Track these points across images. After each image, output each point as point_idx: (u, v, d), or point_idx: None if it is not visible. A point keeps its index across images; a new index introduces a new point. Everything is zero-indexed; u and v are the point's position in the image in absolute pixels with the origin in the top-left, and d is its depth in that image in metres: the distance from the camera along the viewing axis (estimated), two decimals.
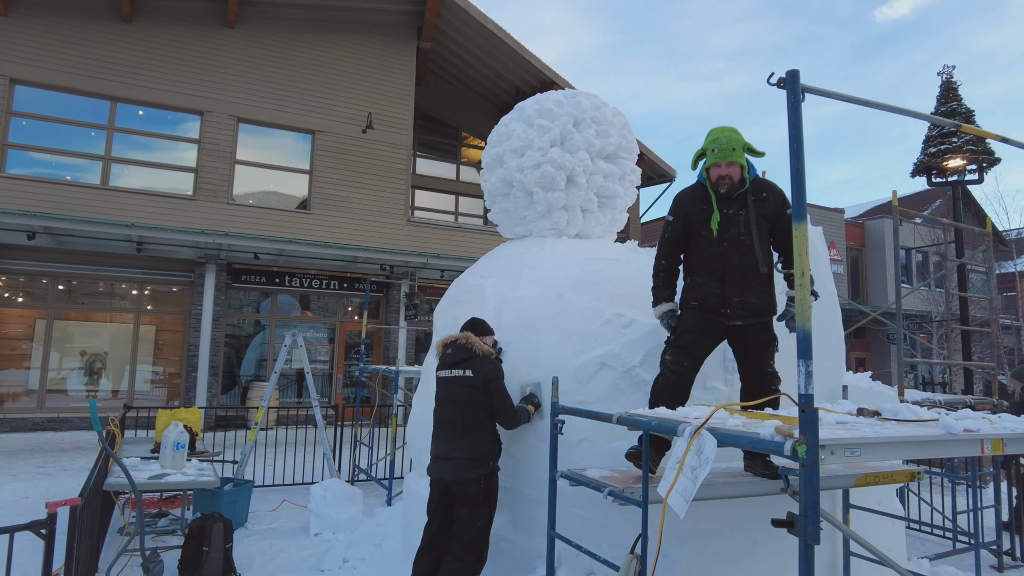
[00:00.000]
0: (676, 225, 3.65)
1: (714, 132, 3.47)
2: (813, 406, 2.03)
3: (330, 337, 14.95)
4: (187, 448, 5.54)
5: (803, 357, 2.09)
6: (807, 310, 2.12)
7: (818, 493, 2.01)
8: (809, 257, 4.68)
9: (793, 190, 2.18)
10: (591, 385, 4.18)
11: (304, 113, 14.39)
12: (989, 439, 2.53)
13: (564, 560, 3.68)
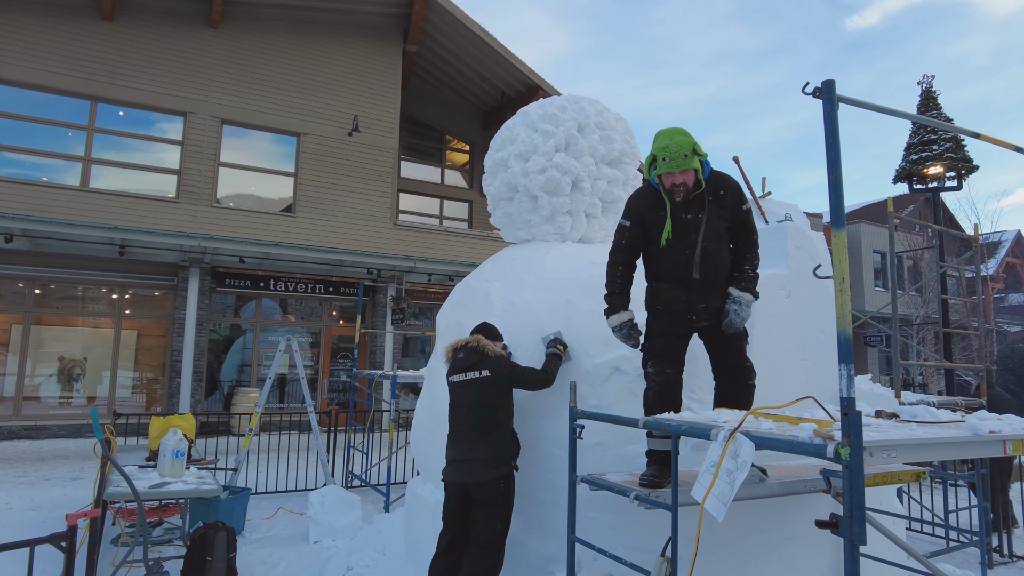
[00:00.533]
0: (633, 230, 3.51)
1: (661, 138, 3.27)
2: (856, 409, 2.07)
3: (315, 342, 14.80)
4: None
5: (844, 361, 2.13)
6: (847, 316, 2.16)
7: (863, 494, 2.05)
8: (812, 263, 4.73)
9: (831, 198, 2.22)
10: (604, 389, 4.20)
11: (289, 115, 14.25)
12: (1011, 440, 2.60)
13: (584, 564, 3.69)
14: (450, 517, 4.10)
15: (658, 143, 3.26)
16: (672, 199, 3.33)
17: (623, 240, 3.55)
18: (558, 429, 4.22)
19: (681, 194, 3.30)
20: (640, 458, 4.02)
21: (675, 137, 3.20)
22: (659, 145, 3.24)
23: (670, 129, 3.29)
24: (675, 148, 3.16)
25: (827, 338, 4.82)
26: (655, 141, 3.29)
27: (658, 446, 3.36)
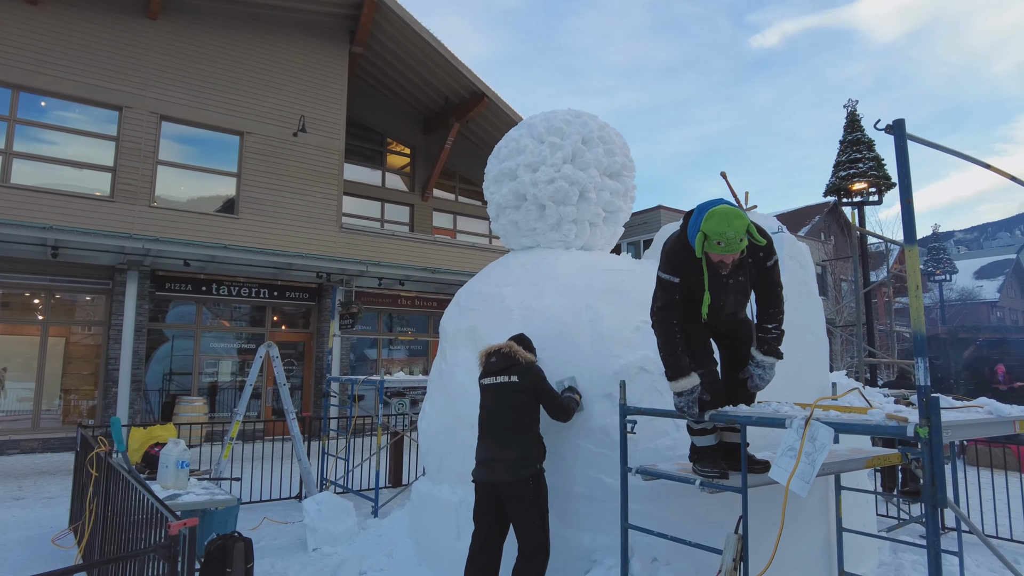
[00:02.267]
0: (681, 286, 3.43)
1: (717, 221, 3.12)
2: (934, 395, 2.45)
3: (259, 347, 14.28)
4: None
5: (919, 355, 2.51)
6: (921, 318, 2.55)
7: (943, 465, 2.44)
8: (802, 270, 5.26)
9: (904, 218, 2.61)
10: (631, 387, 4.47)
11: (232, 113, 13.74)
12: (1019, 420, 3.10)
13: (635, 550, 3.95)
14: (483, 517, 4.21)
15: (714, 226, 3.12)
16: (718, 271, 3.33)
17: (675, 296, 3.45)
18: (589, 425, 4.49)
19: (727, 269, 3.31)
20: (668, 451, 4.37)
21: (733, 223, 3.10)
22: (716, 230, 3.11)
23: (726, 211, 3.16)
24: (732, 235, 3.10)
25: (815, 338, 5.36)
26: (708, 220, 3.15)
27: (703, 443, 3.65)
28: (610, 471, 4.17)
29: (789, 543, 4.51)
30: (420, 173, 19.70)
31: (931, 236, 33.91)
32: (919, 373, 2.50)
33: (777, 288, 3.50)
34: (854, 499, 5.16)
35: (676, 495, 4.00)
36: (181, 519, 2.80)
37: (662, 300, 3.50)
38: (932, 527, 2.50)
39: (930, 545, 2.48)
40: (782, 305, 3.51)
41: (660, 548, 3.93)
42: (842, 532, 4.93)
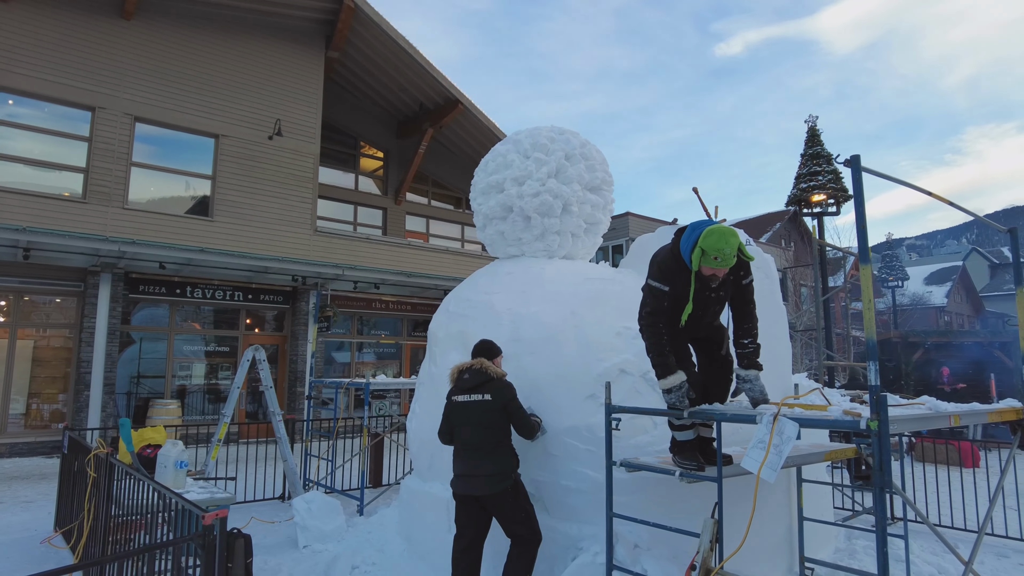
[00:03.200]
0: (670, 294, 3.70)
1: (716, 239, 3.43)
2: (882, 393, 2.86)
3: (232, 350, 14.30)
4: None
5: (871, 359, 2.92)
6: (872, 327, 2.96)
7: (889, 454, 2.84)
8: (768, 280, 5.71)
9: (859, 243, 3.02)
10: (614, 388, 4.82)
11: (207, 116, 13.74)
12: (953, 415, 3.55)
13: (618, 537, 4.30)
14: (466, 523, 4.45)
15: (712, 242, 3.43)
16: (708, 284, 3.63)
17: (663, 303, 3.72)
18: (575, 424, 4.82)
19: (716, 282, 3.62)
20: (648, 446, 4.74)
21: (730, 241, 3.43)
22: (714, 247, 3.42)
23: (723, 230, 3.47)
24: (728, 252, 3.42)
25: (779, 343, 5.80)
26: (708, 237, 3.45)
27: (683, 437, 4.02)
28: (595, 466, 4.50)
29: (756, 532, 4.92)
30: (393, 177, 19.85)
31: (884, 243, 35.46)
32: (870, 375, 2.90)
33: (752, 305, 3.82)
34: (814, 491, 5.62)
35: (656, 486, 4.37)
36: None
37: (651, 306, 3.76)
38: (880, 508, 2.90)
39: (878, 522, 2.88)
40: (756, 320, 3.81)
41: (642, 535, 4.28)
42: (803, 521, 5.38)
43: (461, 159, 20.33)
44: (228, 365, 14.18)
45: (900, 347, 17.56)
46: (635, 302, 5.50)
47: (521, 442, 4.75)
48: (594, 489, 4.55)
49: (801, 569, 5.33)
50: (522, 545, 4.30)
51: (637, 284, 5.82)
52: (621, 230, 21.88)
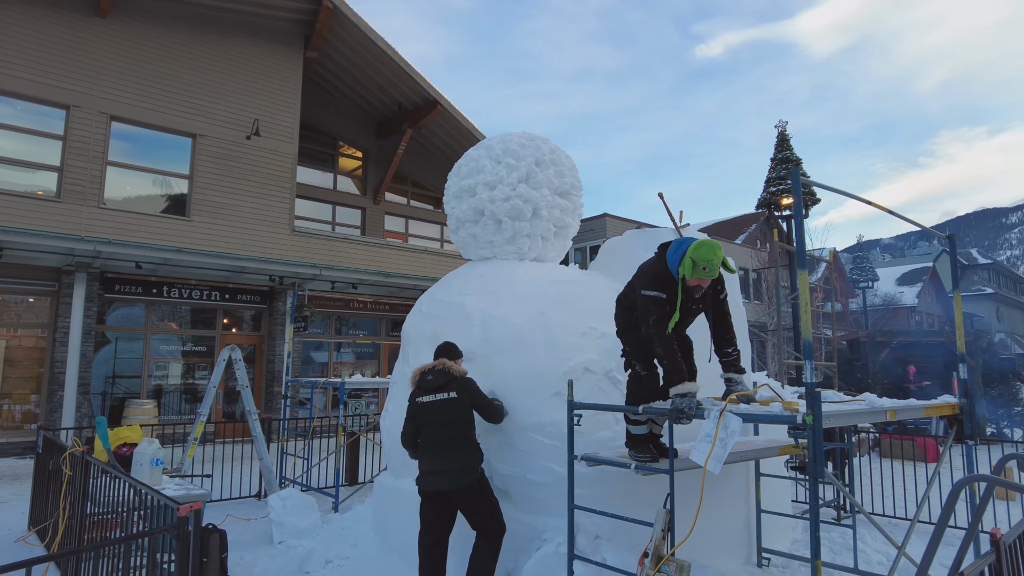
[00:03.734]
0: (668, 303, 3.90)
1: (705, 251, 3.71)
2: (816, 391, 3.09)
3: (209, 350, 14.30)
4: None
5: (807, 358, 3.15)
6: (809, 327, 3.18)
7: (822, 446, 3.06)
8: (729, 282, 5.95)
9: (797, 248, 3.24)
10: (578, 386, 5.03)
11: (185, 115, 13.72)
12: (889, 410, 3.80)
13: (580, 528, 4.50)
14: (433, 521, 4.61)
15: (702, 254, 3.70)
16: (692, 295, 3.90)
17: (665, 308, 3.90)
18: (541, 420, 5.02)
19: (700, 292, 3.91)
20: (609, 441, 4.95)
21: (718, 253, 3.72)
22: (704, 257, 3.69)
23: (711, 244, 3.77)
24: (716, 262, 3.69)
25: (739, 341, 6.05)
26: (698, 248, 3.74)
27: (638, 431, 4.25)
28: (560, 460, 4.70)
29: (715, 523, 5.16)
30: (372, 177, 19.91)
31: (856, 245, 36.16)
32: (805, 373, 3.13)
33: (729, 317, 4.07)
34: (772, 485, 5.87)
35: (615, 479, 4.57)
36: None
37: (656, 314, 3.90)
38: (813, 495, 3.13)
39: (812, 510, 3.11)
40: (734, 330, 4.06)
41: (603, 526, 4.48)
42: (760, 513, 5.63)
43: (440, 159, 20.44)
44: (205, 365, 14.18)
45: (868, 347, 18.05)
46: (601, 303, 5.72)
47: (487, 438, 4.94)
48: (558, 483, 4.74)
49: (758, 559, 5.58)
50: (488, 536, 4.49)
51: (604, 286, 6.05)
52: (599, 231, 22.16)
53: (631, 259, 6.34)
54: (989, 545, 2.73)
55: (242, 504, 7.84)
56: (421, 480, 4.63)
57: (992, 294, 59.75)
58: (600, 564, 4.18)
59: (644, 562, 3.66)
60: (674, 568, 3.54)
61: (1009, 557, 2.80)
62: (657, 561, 3.56)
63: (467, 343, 5.36)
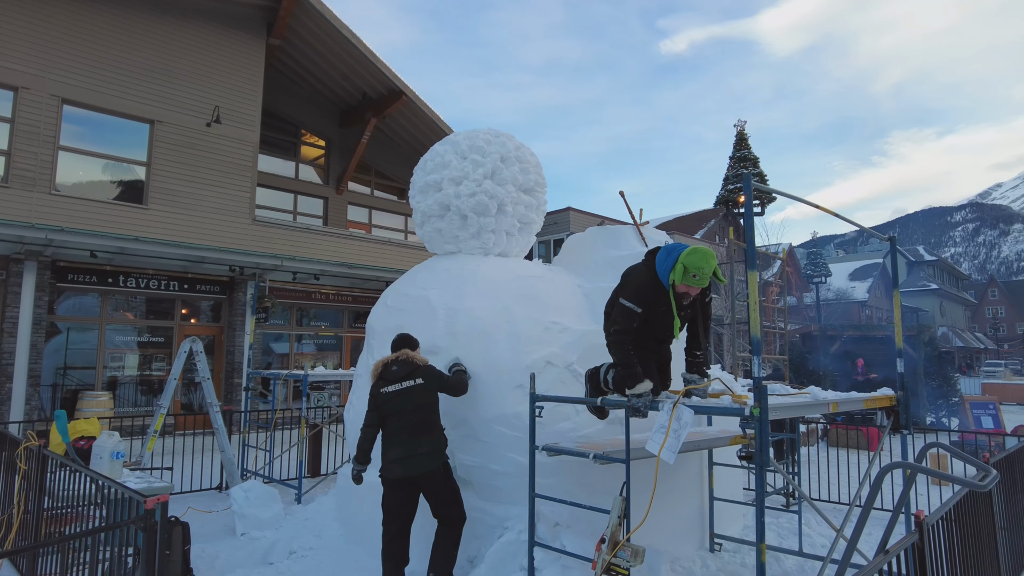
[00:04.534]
0: (641, 316, 3.99)
1: (697, 258, 3.72)
2: (763, 385, 3.29)
3: (167, 341, 14.02)
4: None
5: (755, 354, 3.34)
6: (758, 324, 3.38)
7: (768, 437, 3.27)
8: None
9: (748, 249, 3.43)
10: (540, 379, 5.17)
11: (142, 100, 13.36)
12: (832, 402, 4.05)
13: (540, 516, 4.65)
14: (399, 510, 4.71)
15: (694, 261, 3.73)
16: (680, 302, 3.97)
17: (633, 323, 3.99)
18: (504, 412, 5.16)
19: (688, 300, 3.99)
20: (570, 432, 5.13)
21: (710, 262, 3.75)
22: (696, 264, 3.73)
23: (704, 252, 3.76)
24: (707, 270, 3.73)
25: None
26: (690, 255, 3.76)
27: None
28: (522, 451, 4.84)
29: (669, 510, 5.39)
30: (335, 166, 19.69)
31: (810, 241, 37.31)
32: (753, 368, 3.32)
33: (711, 321, 4.21)
34: (724, 473, 6.14)
35: (575, 469, 4.75)
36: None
37: (621, 324, 4.00)
38: (760, 482, 3.34)
39: (758, 495, 3.32)
40: (710, 336, 4.23)
41: (562, 514, 4.65)
42: (713, 500, 5.89)
43: (405, 150, 20.34)
44: (163, 356, 13.91)
45: (820, 340, 18.72)
46: (564, 298, 5.88)
47: (452, 430, 5.06)
48: (520, 472, 4.89)
49: (711, 544, 5.85)
50: (450, 524, 4.62)
51: (567, 281, 6.21)
52: (563, 224, 22.37)
53: (593, 255, 6.54)
54: (914, 526, 2.97)
55: (203, 496, 7.80)
56: (388, 468, 4.72)
57: (936, 289, 62.32)
58: (559, 550, 4.35)
59: (601, 548, 3.83)
60: (629, 553, 3.72)
61: (931, 536, 3.05)
62: (614, 546, 3.74)
63: (431, 337, 5.47)
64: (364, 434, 4.88)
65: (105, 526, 3.16)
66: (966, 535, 3.67)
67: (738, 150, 13.78)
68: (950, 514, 3.43)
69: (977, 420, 14.02)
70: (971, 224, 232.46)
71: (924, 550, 2.89)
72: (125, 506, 3.61)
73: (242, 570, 5.45)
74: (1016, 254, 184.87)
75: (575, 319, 5.71)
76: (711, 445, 5.06)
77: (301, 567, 5.51)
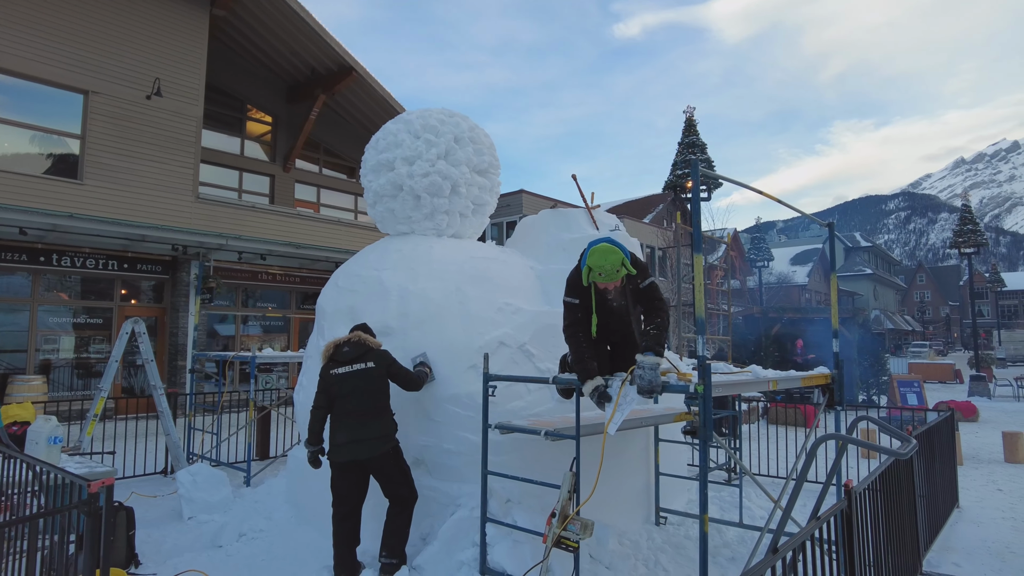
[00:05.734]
0: (580, 306, 4.12)
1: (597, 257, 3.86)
2: (707, 364, 3.43)
3: (106, 322, 13.48)
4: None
5: (700, 333, 3.48)
6: (702, 305, 3.51)
7: (711, 413, 3.42)
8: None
9: (695, 234, 3.55)
10: (493, 359, 5.24)
11: (75, 69, 12.66)
12: (772, 380, 4.25)
13: (492, 493, 4.73)
14: (348, 492, 4.69)
15: (594, 261, 3.86)
16: (605, 296, 4.11)
17: (577, 314, 4.12)
18: (457, 392, 5.20)
19: (612, 294, 4.11)
20: (522, 410, 5.23)
21: (608, 258, 3.83)
22: (597, 264, 3.85)
23: (602, 250, 3.88)
24: (608, 267, 3.82)
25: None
26: (590, 256, 3.89)
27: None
28: (474, 430, 4.91)
29: (616, 485, 5.57)
30: (282, 143, 19.17)
31: (754, 227, 38.48)
32: (698, 347, 3.46)
33: (658, 301, 4.08)
34: (670, 449, 6.37)
35: (527, 446, 4.85)
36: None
37: (568, 319, 4.15)
38: (703, 457, 3.50)
39: (701, 470, 3.48)
40: (664, 314, 4.02)
41: (514, 490, 4.75)
42: (659, 476, 6.10)
43: (355, 128, 19.94)
44: (101, 338, 13.38)
45: (761, 322, 19.41)
46: (516, 280, 5.96)
47: (404, 411, 5.09)
48: (472, 451, 4.96)
49: (656, 518, 6.07)
50: (401, 504, 4.66)
51: (519, 263, 6.28)
52: (515, 207, 22.41)
53: (545, 238, 6.62)
54: (843, 494, 3.18)
55: (147, 481, 7.61)
56: (336, 452, 4.68)
57: (870, 274, 65.28)
58: (511, 526, 4.45)
59: (552, 522, 3.94)
60: (579, 527, 3.84)
61: (858, 504, 3.26)
62: (563, 520, 3.85)
63: (384, 318, 5.46)
64: (314, 416, 4.84)
65: (45, 511, 3.07)
66: (890, 503, 3.94)
67: (687, 136, 14.07)
68: (875, 483, 3.67)
69: (903, 397, 14.86)
70: (903, 212, 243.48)
71: (851, 517, 3.09)
72: (67, 492, 3.51)
73: (190, 554, 5.36)
74: (942, 241, 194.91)
75: (528, 300, 5.79)
76: (657, 422, 5.23)
77: (251, 549, 5.46)
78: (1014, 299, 78.83)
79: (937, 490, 5.98)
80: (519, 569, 4.21)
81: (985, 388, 20.19)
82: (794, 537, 2.59)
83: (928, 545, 5.40)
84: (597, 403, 3.87)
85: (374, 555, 4.76)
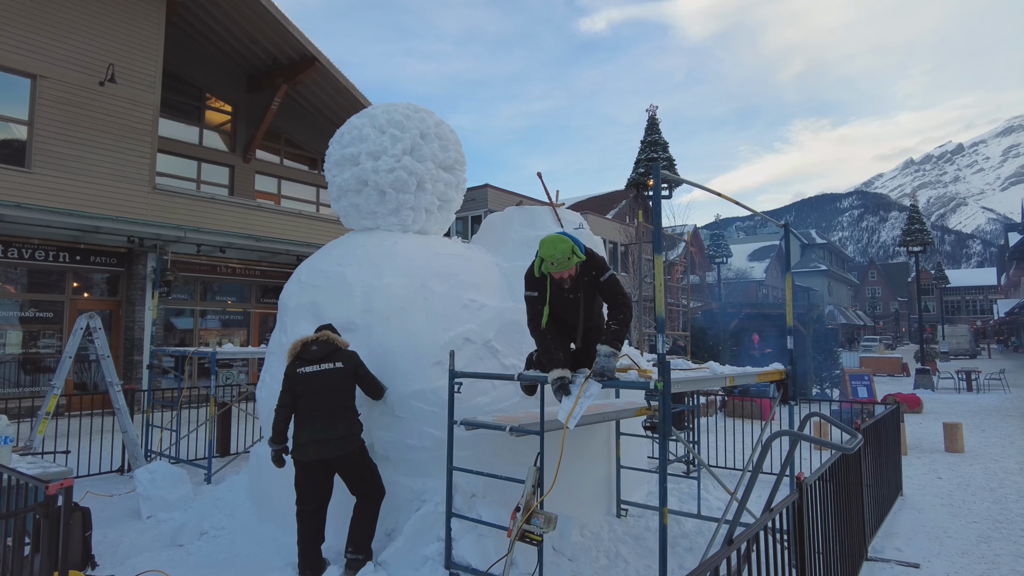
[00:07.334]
0: (540, 299, 4.23)
1: (547, 247, 3.97)
2: (666, 361, 3.54)
3: (57, 316, 13.04)
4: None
5: (660, 331, 3.59)
6: (662, 303, 3.62)
7: (670, 408, 3.53)
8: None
9: (655, 236, 3.65)
10: (458, 355, 5.27)
11: (21, 51, 12.17)
12: (729, 376, 4.39)
13: (456, 488, 4.78)
14: (314, 490, 4.68)
15: (545, 251, 3.98)
16: (561, 287, 4.17)
17: (538, 307, 4.22)
18: (422, 388, 5.22)
19: (569, 283, 4.15)
20: (487, 406, 5.29)
21: (558, 246, 3.93)
22: (547, 253, 3.96)
23: (553, 239, 4.00)
24: (559, 256, 3.92)
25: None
26: (541, 247, 4.02)
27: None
28: (439, 425, 4.94)
29: (578, 478, 5.68)
30: (242, 133, 18.78)
31: (714, 223, 39.28)
32: (657, 344, 3.57)
33: (620, 296, 4.14)
34: (631, 443, 6.51)
35: (492, 441, 4.91)
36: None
37: (530, 313, 4.27)
38: (663, 451, 3.61)
39: (661, 463, 3.59)
40: (627, 309, 4.10)
41: (478, 485, 4.81)
42: (620, 469, 6.23)
43: (318, 119, 19.66)
44: (52, 332, 12.94)
45: (720, 317, 19.86)
46: (481, 276, 6.01)
47: (370, 407, 5.10)
48: (437, 446, 4.99)
49: (617, 510, 6.20)
50: (368, 500, 4.68)
51: (485, 260, 6.33)
52: (480, 201, 22.40)
53: (510, 234, 6.67)
54: (795, 486, 3.33)
55: (103, 480, 7.44)
56: (300, 451, 4.64)
57: (825, 271, 67.25)
58: (476, 520, 4.51)
59: (516, 516, 4.01)
60: (542, 520, 3.92)
61: (809, 495, 3.42)
62: (528, 514, 3.93)
63: (348, 313, 5.44)
64: (278, 414, 4.80)
65: (3, 514, 2.99)
66: (839, 492, 4.13)
67: (649, 134, 14.27)
68: (825, 475, 3.85)
69: (855, 390, 15.43)
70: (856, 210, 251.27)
71: (803, 507, 3.24)
72: (22, 494, 3.43)
73: (148, 553, 5.27)
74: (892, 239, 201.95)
75: (492, 297, 5.84)
76: (618, 416, 5.35)
77: (213, 547, 5.40)
78: (957, 295, 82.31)
79: (883, 479, 6.26)
80: (484, 563, 4.27)
81: (929, 381, 21.07)
82: (749, 528, 2.71)
83: (874, 531, 5.67)
84: (556, 392, 3.93)
85: (338, 551, 4.77)
